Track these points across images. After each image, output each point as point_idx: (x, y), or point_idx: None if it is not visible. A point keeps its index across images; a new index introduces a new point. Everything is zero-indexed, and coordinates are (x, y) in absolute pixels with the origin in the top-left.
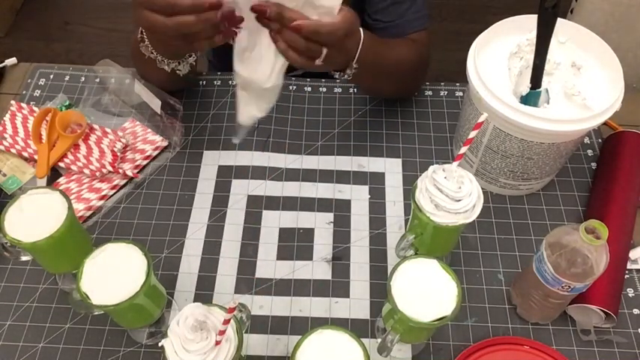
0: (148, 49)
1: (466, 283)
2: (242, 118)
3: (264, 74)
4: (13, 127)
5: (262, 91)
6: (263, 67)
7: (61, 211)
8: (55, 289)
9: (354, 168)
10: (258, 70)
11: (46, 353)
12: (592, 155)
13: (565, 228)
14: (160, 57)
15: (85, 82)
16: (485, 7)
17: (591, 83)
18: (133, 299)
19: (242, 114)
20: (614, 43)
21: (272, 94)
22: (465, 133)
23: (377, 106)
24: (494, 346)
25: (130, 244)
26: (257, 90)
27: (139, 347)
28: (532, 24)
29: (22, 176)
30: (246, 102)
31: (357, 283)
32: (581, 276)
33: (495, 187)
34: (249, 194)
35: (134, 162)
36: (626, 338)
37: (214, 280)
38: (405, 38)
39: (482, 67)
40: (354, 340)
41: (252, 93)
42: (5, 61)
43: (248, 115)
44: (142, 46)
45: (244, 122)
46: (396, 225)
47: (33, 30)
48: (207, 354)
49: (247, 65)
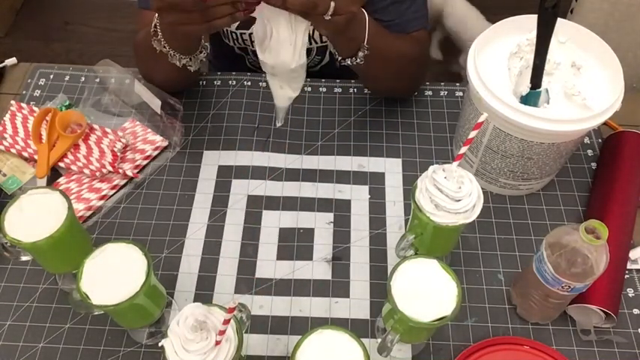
0: (160, 44)
1: (466, 283)
2: (279, 102)
3: (287, 56)
4: (13, 127)
5: (290, 73)
6: (284, 51)
7: (61, 211)
8: (55, 289)
9: (354, 168)
10: (280, 54)
11: (46, 353)
12: (592, 155)
13: (565, 228)
14: (172, 51)
15: (85, 82)
16: (486, 7)
17: (591, 83)
18: (133, 299)
19: (278, 98)
20: (614, 43)
21: (300, 73)
22: (464, 133)
23: (377, 106)
24: (494, 346)
25: (130, 244)
26: (285, 73)
27: (139, 347)
28: (532, 24)
29: (22, 176)
30: (278, 86)
31: (357, 283)
32: (581, 276)
33: (495, 187)
34: (249, 194)
35: (134, 162)
36: (626, 338)
37: (214, 280)
38: (406, 35)
39: (482, 67)
40: (354, 340)
41: (281, 77)
42: (5, 61)
43: (284, 97)
44: (154, 40)
45: (282, 104)
46: (396, 225)
47: (33, 30)
48: (207, 354)
49: (270, 52)
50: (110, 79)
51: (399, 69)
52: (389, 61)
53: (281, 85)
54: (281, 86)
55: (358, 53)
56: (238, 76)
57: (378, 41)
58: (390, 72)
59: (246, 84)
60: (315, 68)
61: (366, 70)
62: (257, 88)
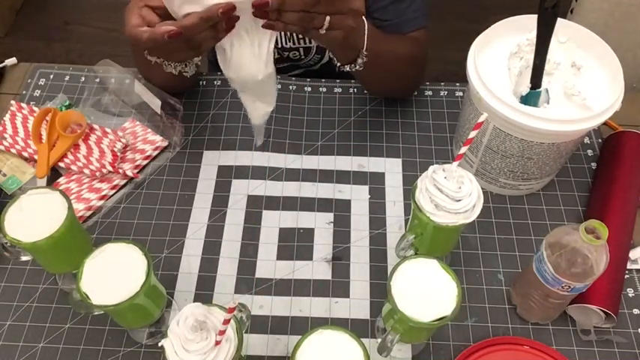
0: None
1: (466, 283)
2: (255, 119)
3: (252, 68)
4: (13, 127)
5: (259, 85)
6: (247, 62)
7: (61, 211)
8: (55, 289)
9: (354, 168)
10: (244, 67)
11: (46, 353)
12: (592, 155)
13: (565, 228)
14: (166, 62)
15: (85, 82)
16: (486, 7)
17: (591, 83)
18: (133, 299)
19: (253, 115)
20: (614, 43)
21: (269, 84)
22: (465, 133)
23: (377, 106)
24: (494, 346)
25: (130, 244)
26: (254, 86)
27: (139, 347)
28: (532, 24)
29: (22, 176)
30: (251, 102)
31: (357, 283)
32: (581, 276)
33: (495, 187)
34: (249, 194)
35: (134, 162)
36: (626, 338)
37: (214, 280)
38: (404, 35)
39: (482, 67)
40: (354, 340)
41: (251, 91)
42: (5, 61)
43: (258, 113)
44: (146, 53)
45: (259, 121)
46: (396, 225)
47: (33, 30)
48: (207, 354)
49: (232, 65)
50: (110, 79)
51: (398, 71)
52: (388, 64)
53: (253, 99)
54: (253, 101)
55: (357, 60)
56: None
57: (377, 47)
58: (388, 75)
59: None
60: (315, 67)
61: (365, 75)
62: None
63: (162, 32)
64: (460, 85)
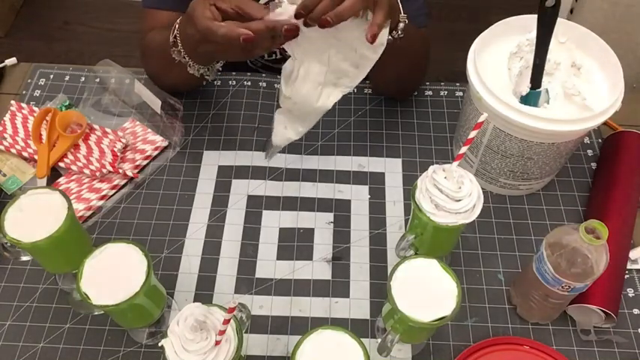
0: (180, 54)
1: (466, 283)
2: (277, 140)
3: (313, 95)
4: (13, 127)
5: (306, 114)
6: (309, 87)
7: (61, 211)
8: (55, 289)
9: (354, 168)
10: (303, 90)
11: (46, 353)
12: (592, 155)
13: (565, 228)
14: (191, 62)
15: (85, 82)
16: (486, 7)
17: (591, 83)
18: (133, 299)
19: (277, 135)
20: (614, 43)
21: (314, 116)
22: (465, 133)
23: (377, 106)
24: (494, 346)
25: (130, 244)
26: (303, 110)
27: (139, 347)
28: (532, 24)
29: (22, 176)
30: (284, 124)
31: (357, 283)
32: (581, 276)
33: (495, 187)
34: (249, 194)
35: (134, 162)
36: (626, 338)
37: (214, 280)
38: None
39: (482, 67)
40: (354, 340)
41: (294, 115)
42: (5, 61)
43: (283, 137)
44: (174, 50)
45: (280, 143)
46: (396, 225)
47: (33, 30)
48: (207, 354)
49: (295, 85)
50: (110, 79)
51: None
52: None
53: (286, 125)
54: (285, 126)
55: (399, 25)
56: (238, 76)
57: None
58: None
59: (246, 84)
60: None
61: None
62: (257, 89)
63: (240, 34)
64: (460, 85)
